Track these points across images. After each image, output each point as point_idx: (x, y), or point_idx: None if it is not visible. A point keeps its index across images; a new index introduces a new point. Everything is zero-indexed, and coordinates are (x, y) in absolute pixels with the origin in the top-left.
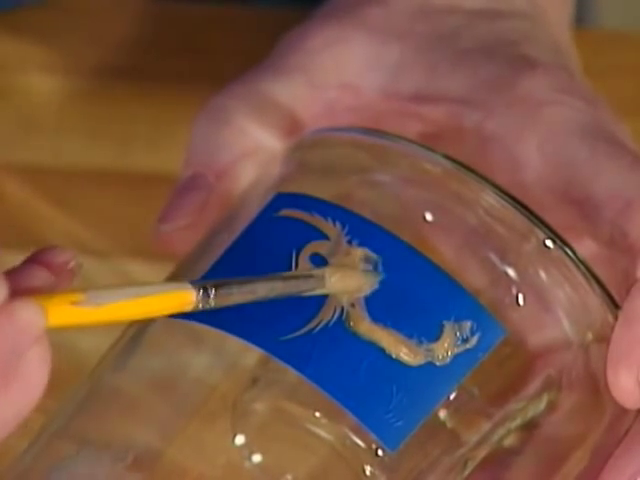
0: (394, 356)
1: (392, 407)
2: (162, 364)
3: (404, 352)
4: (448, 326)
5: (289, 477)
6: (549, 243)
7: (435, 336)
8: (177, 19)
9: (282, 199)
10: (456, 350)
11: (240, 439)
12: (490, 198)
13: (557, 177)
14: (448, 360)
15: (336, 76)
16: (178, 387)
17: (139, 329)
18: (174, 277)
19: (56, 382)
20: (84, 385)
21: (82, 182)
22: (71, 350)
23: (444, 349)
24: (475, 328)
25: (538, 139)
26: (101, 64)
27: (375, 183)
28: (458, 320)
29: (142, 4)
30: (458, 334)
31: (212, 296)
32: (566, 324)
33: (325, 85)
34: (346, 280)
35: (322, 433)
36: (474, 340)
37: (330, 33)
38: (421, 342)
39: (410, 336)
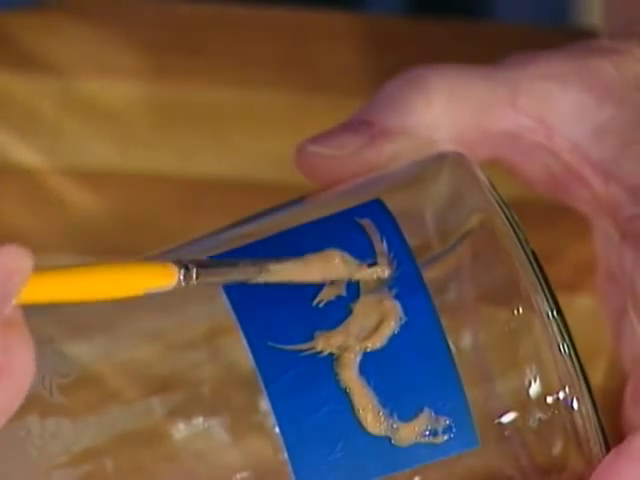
0: (358, 416)
1: (329, 460)
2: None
3: (369, 418)
4: (425, 413)
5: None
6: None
7: (408, 417)
8: (177, 19)
9: (373, 207)
10: (419, 440)
11: None
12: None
13: None
14: (406, 445)
15: (538, 109)
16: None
17: None
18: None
19: None
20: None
21: (82, 182)
22: None
23: (409, 433)
24: (449, 428)
25: None
26: (100, 64)
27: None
28: (438, 413)
29: (142, 4)
30: (430, 426)
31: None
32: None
33: (524, 112)
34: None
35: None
36: (442, 439)
37: (555, 68)
38: (391, 415)
39: (385, 405)
